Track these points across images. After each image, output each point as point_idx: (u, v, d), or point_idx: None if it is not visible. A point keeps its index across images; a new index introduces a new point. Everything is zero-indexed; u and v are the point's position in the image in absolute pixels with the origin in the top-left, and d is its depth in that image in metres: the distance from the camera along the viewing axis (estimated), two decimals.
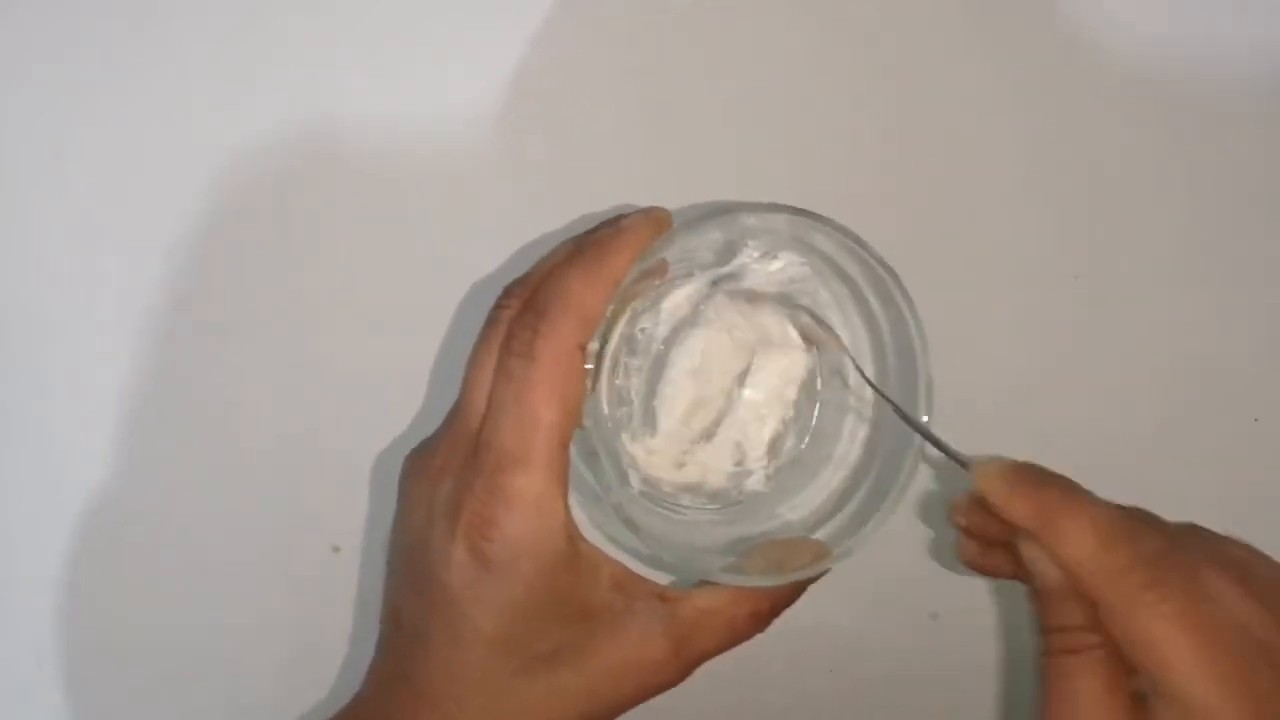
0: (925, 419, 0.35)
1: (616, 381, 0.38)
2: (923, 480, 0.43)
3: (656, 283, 0.37)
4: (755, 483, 0.39)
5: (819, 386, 0.39)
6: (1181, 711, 0.28)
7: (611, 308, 0.33)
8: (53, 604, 0.42)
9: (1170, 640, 0.28)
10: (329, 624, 0.43)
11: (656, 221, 0.34)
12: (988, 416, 0.44)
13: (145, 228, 0.42)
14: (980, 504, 0.33)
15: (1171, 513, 0.45)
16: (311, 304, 0.43)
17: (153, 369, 0.42)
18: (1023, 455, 0.44)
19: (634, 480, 0.37)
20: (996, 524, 0.32)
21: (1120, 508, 0.32)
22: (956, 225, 0.44)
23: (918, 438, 0.35)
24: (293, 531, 0.43)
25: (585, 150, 0.43)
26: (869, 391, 0.37)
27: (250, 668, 0.43)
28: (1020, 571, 0.32)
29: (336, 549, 0.43)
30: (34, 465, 0.42)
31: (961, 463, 0.33)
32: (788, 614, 0.36)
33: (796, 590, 0.36)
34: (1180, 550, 0.31)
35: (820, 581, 0.37)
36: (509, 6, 0.43)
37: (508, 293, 0.35)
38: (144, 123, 0.42)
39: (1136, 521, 0.31)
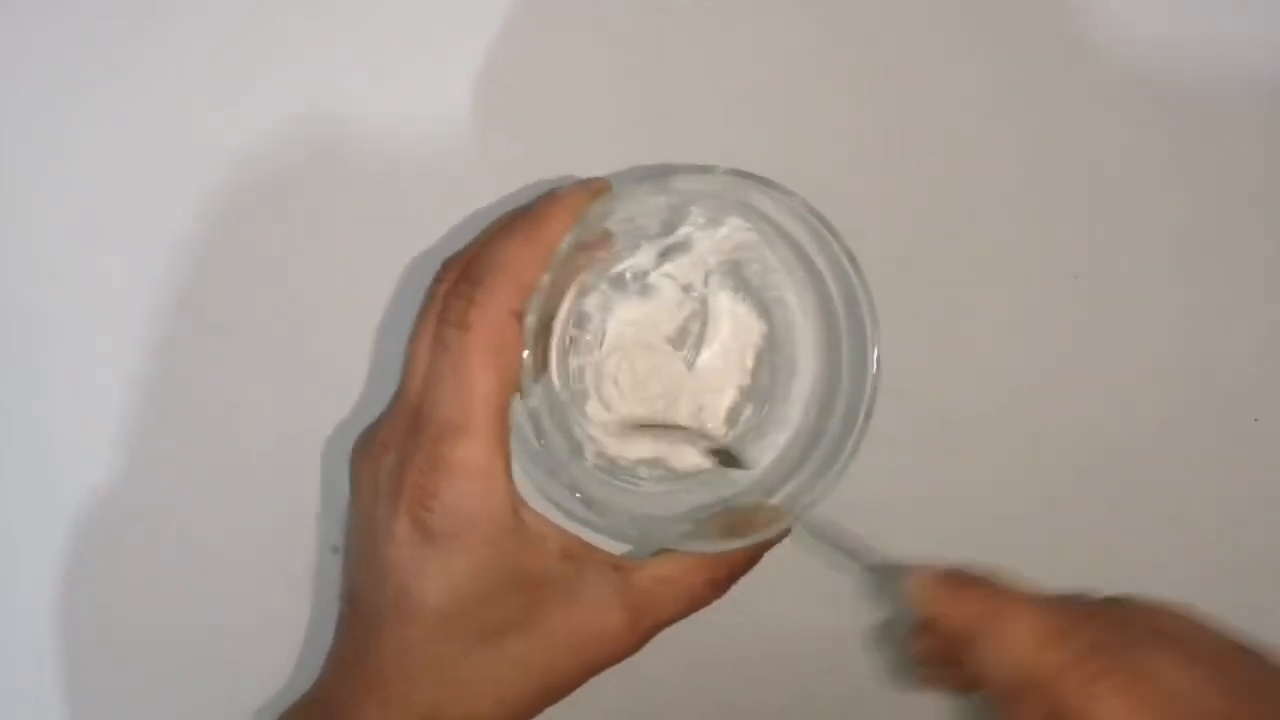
0: (874, 370, 0.36)
1: (568, 358, 0.38)
2: (919, 485, 0.43)
3: (602, 255, 0.37)
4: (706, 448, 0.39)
5: (774, 353, 0.39)
6: None
7: (550, 278, 0.33)
8: (52, 603, 0.42)
9: None
10: (328, 624, 0.43)
11: (593, 189, 0.34)
12: (987, 417, 0.44)
13: (145, 228, 0.42)
14: (922, 626, 0.34)
15: (1171, 513, 0.45)
16: (312, 304, 0.42)
17: (153, 369, 0.42)
18: (1022, 455, 0.44)
19: (588, 454, 0.37)
20: (941, 643, 0.33)
21: (1053, 598, 0.32)
22: (956, 225, 0.44)
23: (867, 395, 0.35)
24: (293, 531, 0.43)
25: (585, 149, 0.43)
26: (816, 349, 0.37)
27: (250, 668, 0.43)
28: (973, 684, 0.33)
29: (336, 549, 0.43)
30: (33, 465, 0.42)
31: (892, 574, 0.34)
32: (788, 614, 0.36)
33: (754, 556, 0.36)
34: (1118, 633, 0.31)
35: (820, 582, 0.37)
36: (507, 6, 0.43)
37: (445, 265, 0.35)
38: (144, 123, 0.42)
39: (1071, 614, 0.32)
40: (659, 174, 0.34)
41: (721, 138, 0.44)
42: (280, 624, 0.43)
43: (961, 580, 0.33)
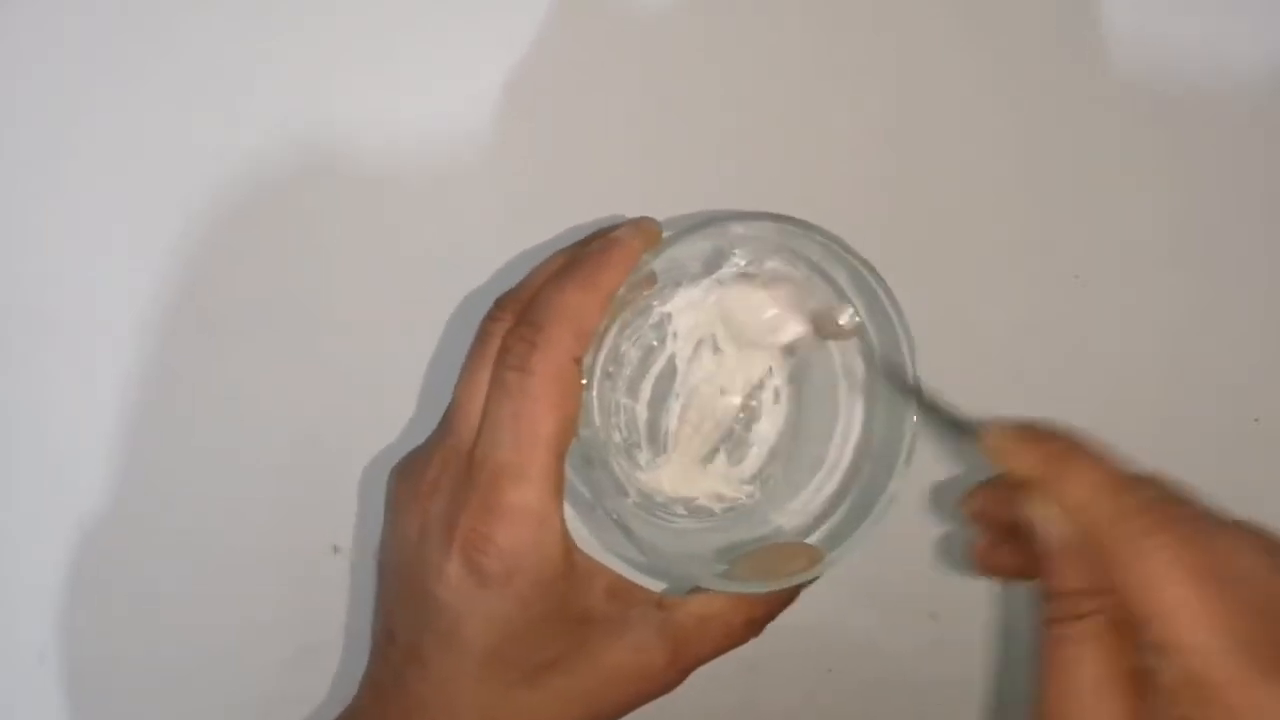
0: (914, 414, 0.35)
1: (608, 394, 0.38)
2: (922, 482, 0.43)
3: (645, 293, 0.37)
4: (751, 489, 0.39)
5: (804, 385, 0.39)
6: (1183, 664, 0.27)
7: (606, 323, 0.33)
8: (53, 603, 0.42)
9: (1173, 585, 0.27)
10: (328, 624, 0.43)
11: (647, 234, 0.34)
12: (987, 416, 0.44)
13: (145, 228, 0.42)
14: (987, 486, 0.32)
15: None
16: (311, 307, 0.42)
17: (153, 370, 0.42)
18: None
19: (630, 491, 0.37)
20: (1004, 503, 0.31)
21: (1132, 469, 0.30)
22: (956, 226, 0.44)
23: (907, 440, 0.35)
24: (293, 531, 0.43)
25: (580, 159, 0.43)
26: (854, 392, 0.37)
27: (250, 668, 0.43)
28: (1027, 567, 0.31)
29: (336, 549, 0.43)
30: (33, 465, 0.42)
31: (970, 429, 0.32)
32: (787, 614, 0.36)
33: (791, 595, 0.36)
34: (1190, 504, 0.29)
35: (820, 581, 0.37)
36: (506, 14, 0.43)
37: (500, 305, 0.35)
38: (143, 124, 0.42)
39: (1144, 475, 0.30)
40: (705, 223, 0.34)
41: (717, 144, 0.44)
42: (280, 624, 0.43)
43: (1040, 431, 0.31)
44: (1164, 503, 0.29)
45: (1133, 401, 0.45)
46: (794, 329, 0.37)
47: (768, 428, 0.39)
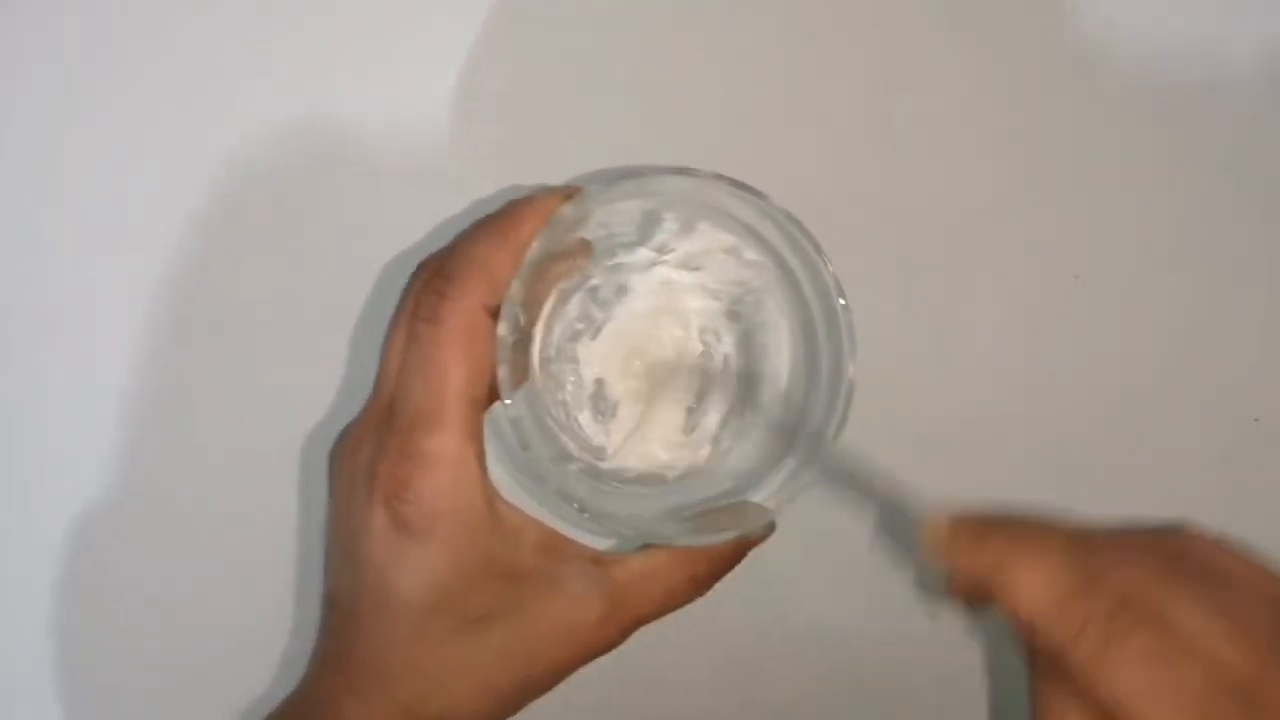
0: (850, 371, 0.35)
1: (553, 366, 0.38)
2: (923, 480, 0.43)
3: (581, 263, 0.37)
4: (703, 454, 0.39)
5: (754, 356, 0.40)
6: None
7: (523, 283, 0.33)
8: (51, 603, 0.42)
9: (1140, 693, 0.28)
10: (313, 624, 0.43)
11: (564, 194, 0.35)
12: (987, 417, 0.44)
13: (145, 228, 0.42)
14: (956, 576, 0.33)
15: (1171, 513, 0.45)
16: (312, 304, 0.42)
17: (152, 368, 0.42)
18: (1022, 455, 0.44)
19: (574, 455, 0.37)
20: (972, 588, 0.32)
21: (1072, 544, 0.30)
22: (955, 225, 0.44)
23: (844, 393, 0.35)
24: (292, 531, 0.43)
25: (565, 155, 0.43)
26: (793, 351, 0.38)
27: (250, 668, 0.43)
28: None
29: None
30: (32, 464, 0.42)
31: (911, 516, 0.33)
32: (788, 614, 0.36)
33: (736, 554, 0.36)
34: (1152, 578, 0.29)
35: (820, 581, 0.37)
36: (488, 10, 0.43)
37: (420, 266, 0.35)
38: (143, 124, 0.42)
39: (1098, 559, 0.30)
40: (631, 176, 0.34)
41: (709, 144, 0.44)
42: (280, 624, 0.43)
43: (976, 529, 0.31)
44: (1111, 609, 0.29)
45: (1133, 401, 0.45)
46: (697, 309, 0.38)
47: (719, 392, 0.39)
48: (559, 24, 0.43)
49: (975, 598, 0.32)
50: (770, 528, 0.36)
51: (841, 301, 0.35)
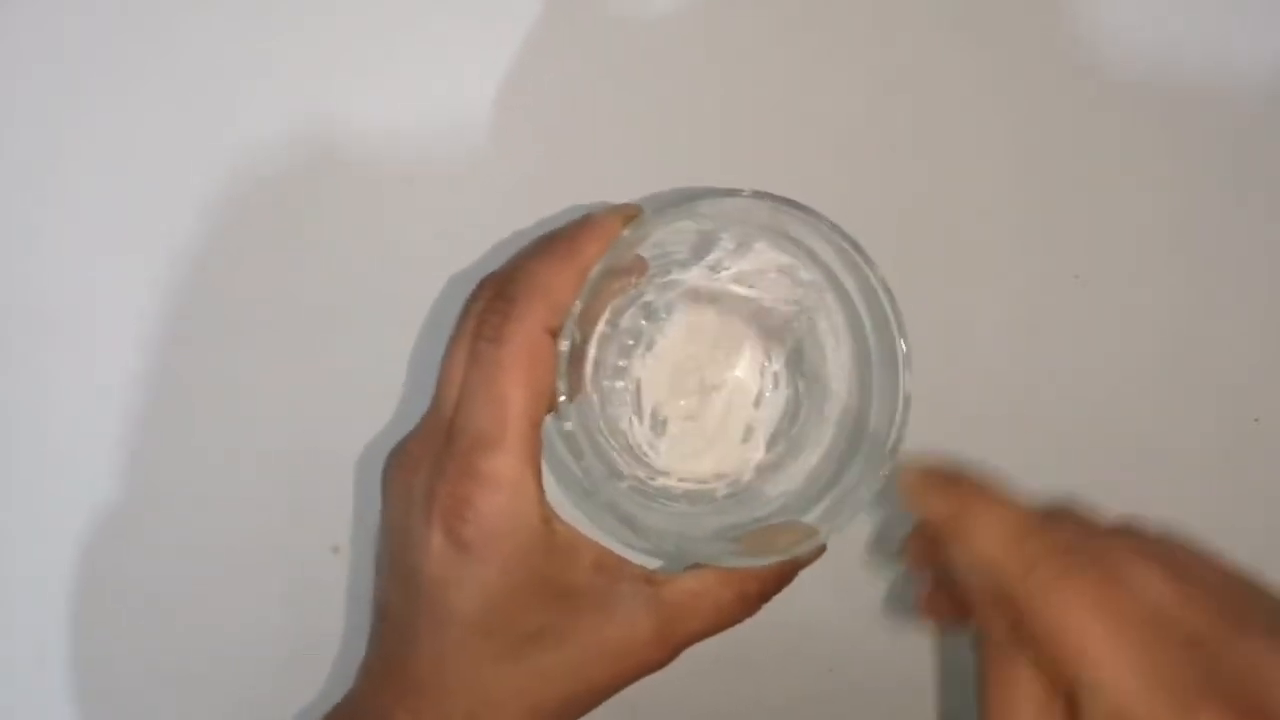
0: (906, 392, 0.35)
1: (604, 381, 0.38)
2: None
3: (635, 280, 0.37)
4: (752, 470, 0.39)
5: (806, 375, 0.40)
6: (1106, 702, 0.27)
7: (581, 302, 0.33)
8: (52, 604, 0.42)
9: (1085, 629, 0.27)
10: (329, 624, 0.43)
11: (625, 215, 0.35)
12: (986, 417, 0.44)
13: (145, 228, 0.42)
14: (919, 531, 0.33)
15: (1171, 513, 0.45)
16: (312, 304, 0.42)
17: (153, 369, 0.42)
18: (1021, 456, 0.44)
19: (626, 475, 0.37)
20: (935, 549, 0.32)
21: (1041, 506, 0.31)
22: (955, 225, 0.44)
23: (899, 416, 0.35)
24: (292, 531, 0.43)
25: (576, 151, 0.43)
26: (847, 371, 0.38)
27: (250, 668, 0.43)
28: (965, 615, 0.32)
29: (336, 549, 0.43)
30: (32, 465, 0.42)
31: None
32: (788, 614, 0.36)
33: (785, 575, 0.36)
34: (1096, 538, 0.30)
35: (820, 582, 0.37)
36: (500, 8, 0.43)
37: (481, 284, 0.35)
38: (143, 123, 0.42)
39: (1052, 515, 0.31)
40: (687, 199, 0.34)
41: (711, 140, 0.44)
42: (280, 624, 0.43)
43: (946, 476, 0.32)
44: (1065, 547, 0.29)
45: (1133, 401, 0.45)
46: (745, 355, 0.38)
47: (769, 411, 0.39)
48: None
49: (943, 601, 0.33)
50: (820, 549, 0.36)
51: (898, 327, 0.35)
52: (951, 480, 0.32)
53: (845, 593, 0.43)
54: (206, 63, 0.42)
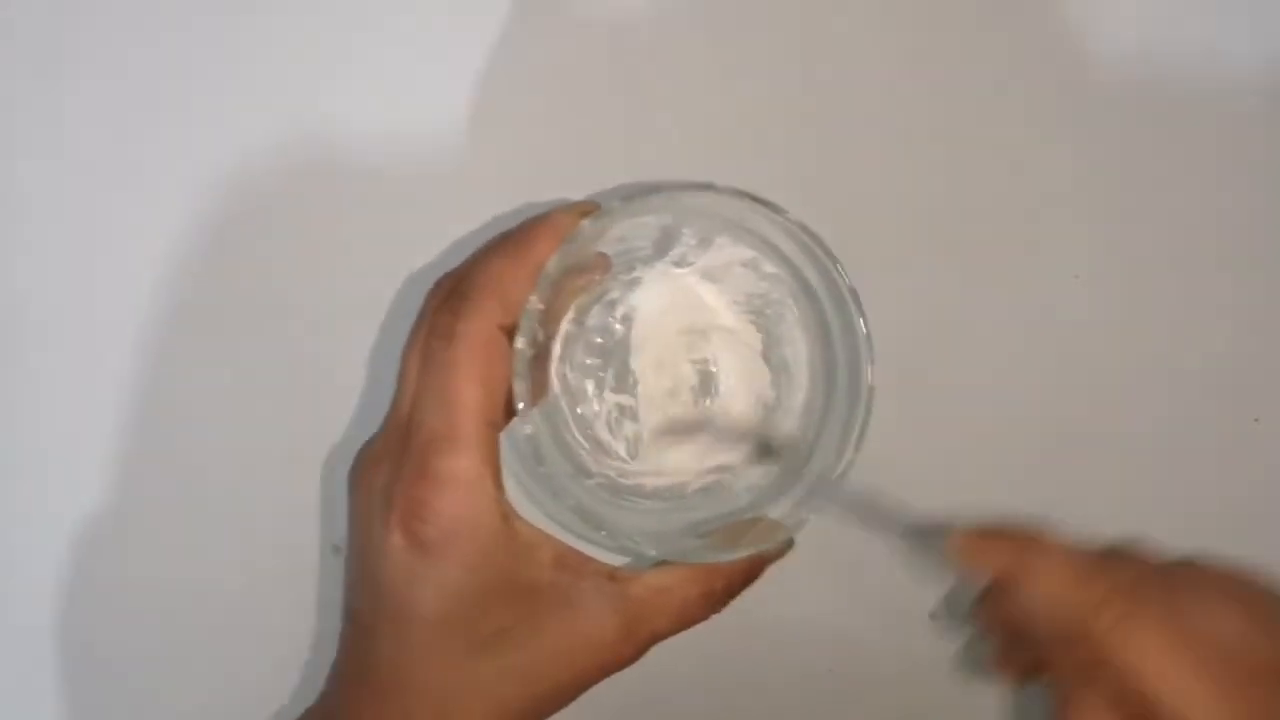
0: (868, 390, 0.36)
1: (572, 380, 0.38)
2: (923, 480, 0.43)
3: (598, 278, 0.37)
4: (724, 469, 0.39)
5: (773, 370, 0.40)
6: None
7: (541, 300, 0.33)
8: (50, 604, 0.42)
9: (1157, 661, 0.28)
10: (328, 625, 0.43)
11: (580, 211, 0.35)
12: (986, 416, 0.44)
13: (144, 228, 0.42)
14: (984, 594, 0.33)
15: (1171, 513, 0.45)
16: (309, 307, 0.42)
17: (152, 370, 0.42)
18: (1022, 456, 0.44)
19: (592, 470, 0.38)
20: (1001, 608, 0.32)
21: (1100, 547, 0.32)
22: (956, 225, 0.44)
23: (862, 412, 0.35)
24: (293, 531, 0.43)
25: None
26: (811, 366, 0.38)
27: (250, 668, 0.43)
28: (1040, 667, 0.32)
29: (337, 549, 0.43)
30: (32, 465, 0.42)
31: (931, 539, 0.34)
32: (788, 614, 0.36)
33: (752, 570, 0.36)
34: (1156, 575, 0.30)
35: (820, 581, 0.37)
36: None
37: (438, 284, 0.35)
38: (142, 124, 0.42)
39: (1112, 554, 0.31)
40: (648, 192, 0.34)
41: (720, 153, 0.43)
42: (280, 624, 0.43)
43: (997, 530, 0.33)
44: (1131, 584, 0.30)
45: (1133, 401, 0.45)
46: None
47: (741, 407, 0.39)
48: (573, 37, 0.43)
49: (1012, 637, 0.33)
50: (788, 544, 0.36)
51: (861, 319, 0.35)
52: (1004, 533, 0.32)
53: (845, 593, 0.43)
54: (205, 63, 0.42)
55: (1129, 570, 0.30)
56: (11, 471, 0.42)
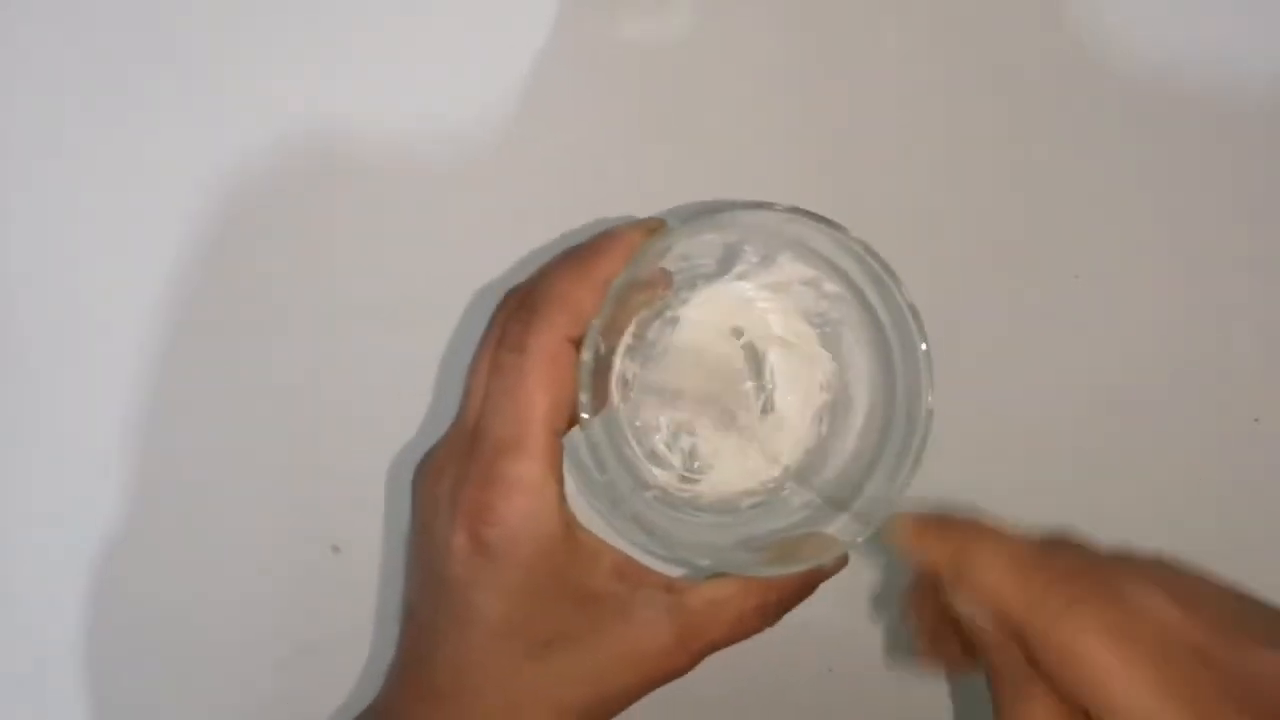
0: (928, 410, 0.36)
1: (632, 393, 0.38)
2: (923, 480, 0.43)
3: (660, 293, 0.37)
4: (779, 481, 0.39)
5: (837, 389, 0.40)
6: None
7: (607, 313, 0.34)
8: (52, 605, 0.42)
9: (1100, 655, 0.28)
10: (329, 625, 0.43)
11: (647, 228, 0.35)
12: (986, 416, 0.44)
13: (146, 228, 0.42)
14: (918, 585, 0.34)
15: (1171, 513, 0.45)
16: (315, 307, 0.43)
17: (153, 370, 0.42)
18: (1022, 455, 0.44)
19: (649, 482, 0.38)
20: (934, 597, 0.33)
21: (1038, 537, 0.32)
22: (956, 225, 0.44)
23: (920, 431, 0.35)
24: (293, 531, 0.43)
25: (592, 158, 0.43)
26: (870, 385, 0.38)
27: (250, 668, 0.43)
28: (970, 655, 0.32)
29: (336, 549, 0.43)
30: (33, 467, 0.42)
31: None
32: (788, 614, 0.36)
33: (807, 585, 0.36)
34: (1097, 565, 0.30)
35: (821, 581, 0.37)
36: (517, 13, 0.43)
37: (506, 297, 0.36)
38: (144, 123, 0.42)
39: (1050, 545, 0.31)
40: (712, 211, 0.34)
41: (724, 146, 0.44)
42: (280, 624, 0.43)
43: (938, 520, 0.33)
44: (1071, 576, 0.29)
45: (1133, 401, 0.45)
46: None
47: (799, 421, 0.39)
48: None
49: (941, 623, 0.33)
50: (844, 560, 0.36)
51: (922, 344, 0.35)
52: (945, 523, 0.32)
53: (845, 593, 0.43)
54: (208, 61, 0.42)
55: (1066, 561, 0.30)
56: (16, 472, 0.42)
